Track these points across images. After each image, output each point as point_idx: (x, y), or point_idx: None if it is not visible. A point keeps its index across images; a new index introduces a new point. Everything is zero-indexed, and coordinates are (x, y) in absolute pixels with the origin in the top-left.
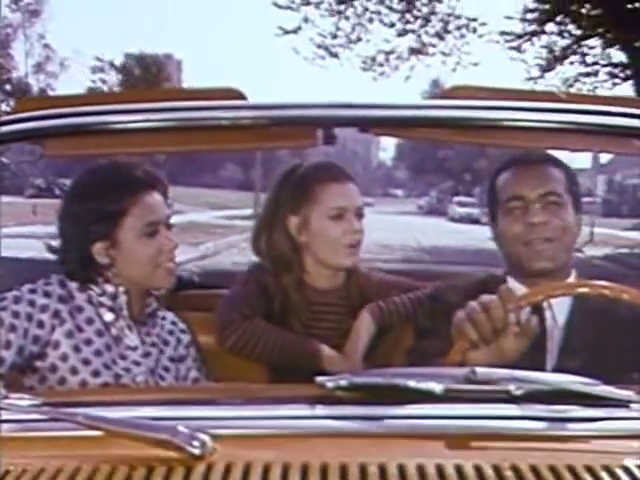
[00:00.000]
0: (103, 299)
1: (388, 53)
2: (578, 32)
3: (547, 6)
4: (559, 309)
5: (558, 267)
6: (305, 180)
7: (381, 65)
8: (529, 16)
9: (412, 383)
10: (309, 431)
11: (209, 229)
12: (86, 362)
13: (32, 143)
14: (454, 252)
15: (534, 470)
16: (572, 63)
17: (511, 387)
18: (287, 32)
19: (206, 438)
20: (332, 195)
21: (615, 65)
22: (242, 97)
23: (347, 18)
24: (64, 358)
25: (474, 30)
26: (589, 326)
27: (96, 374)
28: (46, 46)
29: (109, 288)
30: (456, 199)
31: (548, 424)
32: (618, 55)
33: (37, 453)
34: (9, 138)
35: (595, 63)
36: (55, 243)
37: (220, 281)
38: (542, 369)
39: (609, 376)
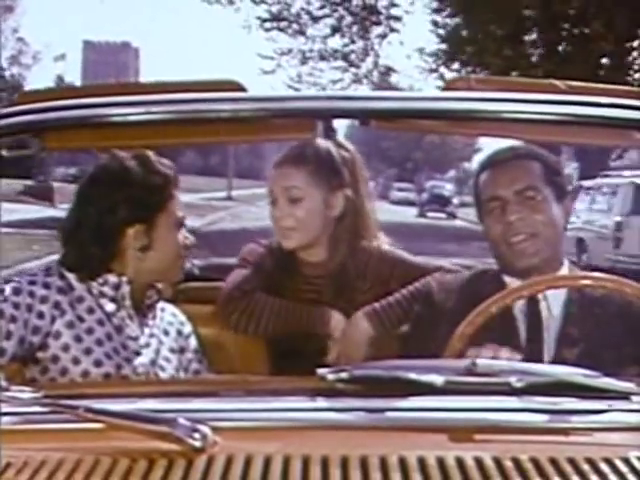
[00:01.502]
0: (105, 289)
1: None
2: None
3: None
4: (554, 300)
5: (545, 261)
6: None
7: None
8: None
9: (413, 375)
10: (310, 423)
11: (193, 209)
12: (88, 352)
13: (32, 136)
14: (389, 227)
15: (534, 462)
16: None
17: (512, 379)
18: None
19: (207, 430)
20: (269, 179)
21: None
22: (242, 89)
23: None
24: (65, 348)
25: None
26: (584, 317)
27: (98, 364)
28: (20, 39)
29: (112, 278)
30: (396, 185)
31: (549, 416)
32: None
33: (38, 445)
34: (9, 131)
35: None
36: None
37: (221, 273)
38: (539, 360)
39: (604, 368)
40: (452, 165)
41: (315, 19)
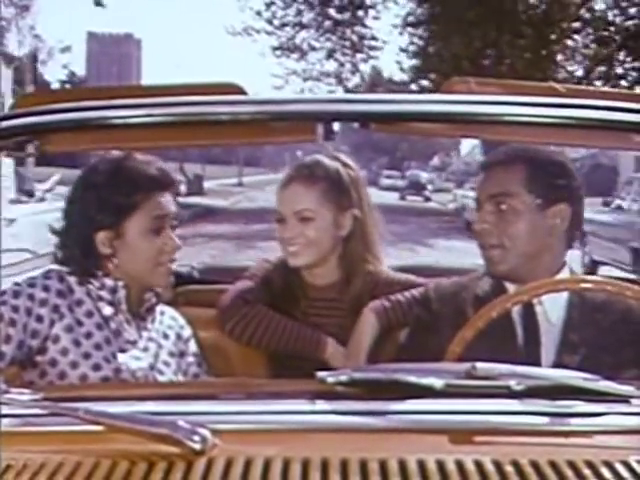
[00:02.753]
0: (102, 293)
1: None
2: None
3: None
4: (552, 305)
5: (523, 270)
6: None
7: None
8: None
9: (413, 378)
10: (310, 426)
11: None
12: (86, 356)
13: (32, 138)
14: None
15: (534, 465)
16: None
17: (512, 382)
18: (276, 88)
19: (207, 433)
20: (277, 199)
21: None
22: (242, 92)
23: None
24: (64, 352)
25: None
26: (581, 321)
27: (96, 368)
28: (36, 37)
29: (108, 282)
30: (385, 172)
31: (549, 419)
32: None
33: (38, 448)
34: (9, 133)
35: None
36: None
37: (221, 277)
38: (537, 365)
39: (604, 372)
40: (431, 156)
41: (313, 48)
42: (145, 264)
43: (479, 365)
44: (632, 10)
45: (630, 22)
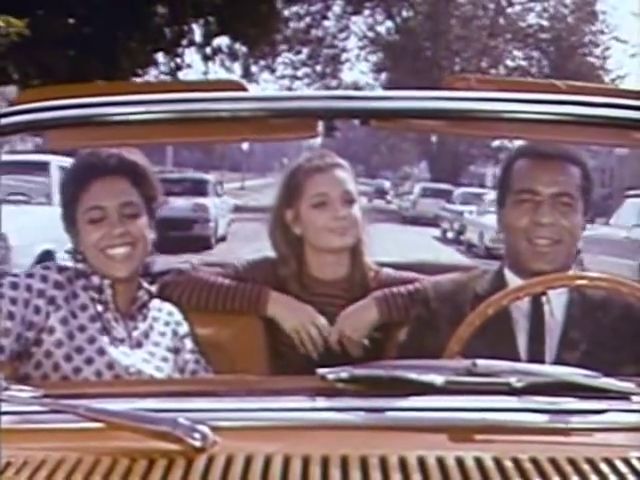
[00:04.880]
0: (92, 292)
1: None
2: None
3: None
4: (557, 303)
5: (557, 269)
6: (294, 174)
7: None
8: None
9: (413, 375)
10: (310, 423)
11: None
12: (79, 350)
13: (34, 135)
14: None
15: (534, 462)
16: None
17: (512, 379)
18: None
19: (207, 430)
20: (313, 184)
21: None
22: (243, 89)
23: None
24: (58, 345)
25: None
26: (586, 320)
27: (89, 361)
28: None
29: (96, 280)
30: (360, 180)
31: (549, 416)
32: None
33: (38, 445)
34: (10, 130)
35: None
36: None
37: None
38: (540, 363)
39: (605, 369)
40: (396, 168)
41: (305, 64)
42: (92, 255)
43: (479, 362)
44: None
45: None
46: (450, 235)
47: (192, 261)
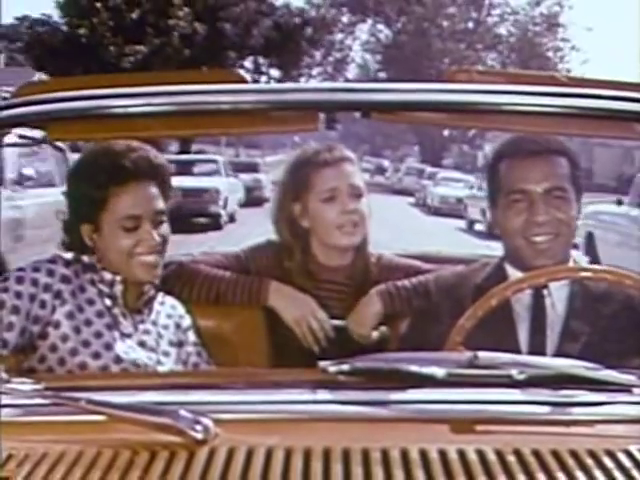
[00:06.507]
0: (101, 286)
1: None
2: None
3: None
4: (558, 296)
5: (557, 263)
6: (301, 166)
7: None
8: None
9: (414, 368)
10: (312, 416)
11: None
12: (86, 344)
13: (34, 127)
14: None
15: (536, 454)
16: None
17: (513, 372)
18: None
19: (209, 423)
20: (323, 178)
21: None
22: (243, 80)
23: None
24: (64, 339)
25: None
26: (588, 312)
27: (96, 356)
28: None
29: (107, 275)
30: (365, 158)
31: (550, 408)
32: None
33: (40, 437)
34: (11, 122)
35: None
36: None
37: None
38: (542, 355)
39: (607, 362)
40: (396, 149)
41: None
42: (119, 260)
43: (481, 354)
44: None
45: None
46: (420, 202)
47: (193, 252)
